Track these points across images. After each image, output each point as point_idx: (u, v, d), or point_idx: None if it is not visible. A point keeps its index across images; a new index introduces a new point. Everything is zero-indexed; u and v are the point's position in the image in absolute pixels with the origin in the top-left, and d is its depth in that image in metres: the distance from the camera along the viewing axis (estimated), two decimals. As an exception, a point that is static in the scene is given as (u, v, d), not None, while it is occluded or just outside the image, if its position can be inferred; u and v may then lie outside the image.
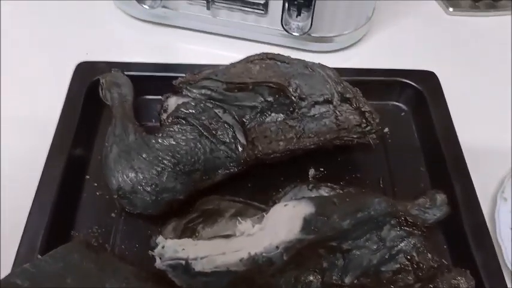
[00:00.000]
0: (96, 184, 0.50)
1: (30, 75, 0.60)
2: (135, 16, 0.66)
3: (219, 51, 0.64)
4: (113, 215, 0.48)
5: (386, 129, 0.56)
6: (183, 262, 0.36)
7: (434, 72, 0.59)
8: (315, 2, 0.55)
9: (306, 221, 0.36)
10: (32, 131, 0.54)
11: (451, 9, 0.70)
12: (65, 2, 0.68)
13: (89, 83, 0.55)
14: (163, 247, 0.37)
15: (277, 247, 0.36)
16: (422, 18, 0.70)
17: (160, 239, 0.38)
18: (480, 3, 0.70)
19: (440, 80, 0.59)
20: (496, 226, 0.47)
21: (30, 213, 0.45)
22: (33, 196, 0.46)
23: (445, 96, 0.59)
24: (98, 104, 0.55)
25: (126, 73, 0.56)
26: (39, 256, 0.41)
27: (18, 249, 0.42)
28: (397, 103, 0.58)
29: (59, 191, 0.47)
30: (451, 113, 0.56)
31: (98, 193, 0.49)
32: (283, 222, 0.38)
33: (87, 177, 0.51)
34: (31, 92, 0.58)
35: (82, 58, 0.59)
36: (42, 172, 0.48)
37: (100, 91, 0.54)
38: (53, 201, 0.46)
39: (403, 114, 0.58)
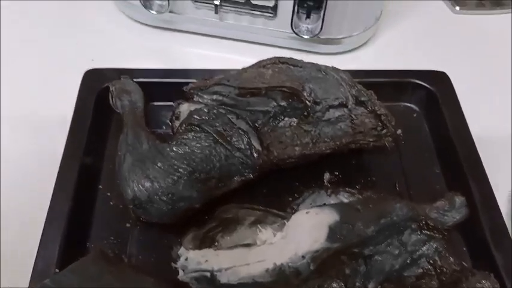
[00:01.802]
0: (109, 194, 0.49)
1: (36, 83, 0.59)
2: (141, 21, 0.65)
3: (227, 55, 0.63)
4: (127, 225, 0.47)
5: (399, 131, 0.55)
6: (208, 274, 0.35)
7: (445, 71, 0.59)
8: (326, 4, 0.55)
9: (331, 230, 0.36)
10: (41, 141, 0.53)
11: (457, 8, 0.70)
12: (67, 8, 0.67)
13: (97, 90, 0.54)
14: (186, 259, 0.36)
15: (303, 257, 0.35)
16: (429, 17, 0.70)
17: (182, 250, 0.38)
18: (486, 2, 0.70)
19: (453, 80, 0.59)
20: (514, 226, 0.47)
21: (44, 227, 0.44)
22: (46, 209, 0.45)
23: (460, 96, 0.59)
24: (108, 112, 0.54)
25: (135, 80, 0.55)
26: (57, 270, 0.41)
27: (34, 264, 0.41)
28: (409, 104, 0.58)
29: (73, 203, 0.46)
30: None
31: (111, 203, 0.48)
32: (306, 230, 0.38)
33: (100, 187, 0.50)
34: (39, 101, 0.58)
35: (87, 65, 0.58)
36: (55, 184, 0.47)
37: (110, 99, 0.53)
38: (67, 213, 0.45)
39: (415, 115, 0.58)
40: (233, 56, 0.63)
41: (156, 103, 0.57)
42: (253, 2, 0.58)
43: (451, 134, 0.52)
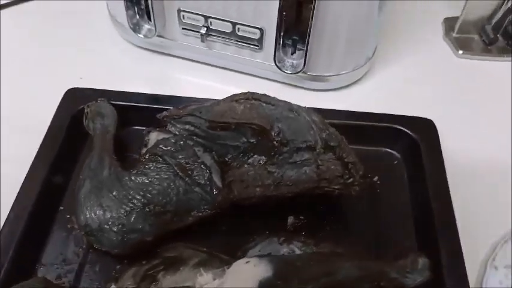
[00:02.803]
0: (68, 216, 0.49)
1: (23, 96, 0.61)
2: (133, 43, 0.66)
3: (213, 83, 0.63)
4: (80, 250, 0.47)
5: (375, 178, 0.53)
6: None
7: (435, 120, 0.56)
8: (308, 40, 0.53)
9: (261, 285, 0.34)
10: (13, 156, 0.54)
11: (460, 51, 0.67)
12: (63, 24, 0.69)
13: (75, 110, 0.55)
14: (113, 298, 0.36)
15: (228, 310, 0.34)
16: (429, 60, 0.67)
17: (112, 286, 0.37)
18: (493, 47, 0.67)
19: (441, 129, 0.55)
20: (482, 296, 0.44)
21: (-4, 242, 0.44)
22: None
23: (446, 146, 0.55)
24: (82, 133, 0.54)
25: (114, 102, 0.55)
26: (-4, 291, 0.41)
27: (-23, 282, 0.42)
28: (390, 150, 0.56)
29: (29, 221, 0.46)
30: (448, 166, 0.53)
31: (69, 226, 0.48)
32: (241, 281, 0.36)
33: (61, 208, 0.50)
34: (20, 115, 0.58)
35: (76, 82, 0.59)
36: (15, 199, 0.47)
37: (84, 120, 0.53)
38: (21, 231, 0.45)
39: (395, 162, 0.55)
40: (218, 85, 0.62)
41: (134, 127, 0.57)
42: (238, 33, 0.57)
43: (428, 188, 0.49)
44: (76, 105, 0.55)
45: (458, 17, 0.68)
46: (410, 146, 0.54)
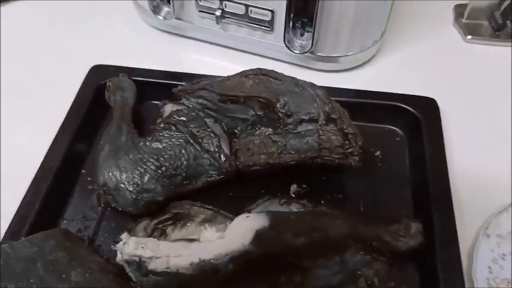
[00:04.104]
0: (89, 179, 0.53)
1: (54, 72, 0.66)
2: (153, 25, 0.70)
3: (226, 63, 0.66)
4: (99, 208, 0.51)
5: (377, 153, 0.56)
6: (137, 259, 0.38)
7: (440, 100, 0.58)
8: (315, 22, 0.56)
9: (257, 235, 0.37)
10: (41, 123, 0.58)
11: (469, 36, 0.68)
12: (93, 9, 0.74)
13: (98, 85, 0.59)
14: (124, 243, 0.39)
15: (225, 255, 0.37)
16: (437, 43, 0.69)
17: (124, 235, 0.41)
18: (501, 33, 0.68)
19: (445, 108, 0.58)
20: (473, 263, 0.46)
21: (23, 198, 0.49)
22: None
23: (449, 125, 0.58)
24: (104, 105, 0.58)
25: (133, 78, 0.60)
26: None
27: (6, 230, 0.46)
28: (393, 127, 0.58)
29: (54, 180, 0.50)
30: (450, 143, 0.56)
31: (89, 187, 0.53)
32: (239, 233, 0.39)
33: (83, 171, 0.54)
34: (51, 87, 0.63)
35: (100, 60, 0.63)
36: (42, 161, 0.52)
37: (106, 93, 0.58)
38: (47, 188, 0.50)
39: (398, 139, 0.57)
40: (231, 65, 0.65)
41: (152, 101, 0.61)
42: (251, 15, 0.60)
43: (426, 162, 0.52)
44: (99, 80, 0.60)
45: (468, 3, 0.69)
46: (412, 123, 0.56)
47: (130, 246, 0.39)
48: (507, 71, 0.65)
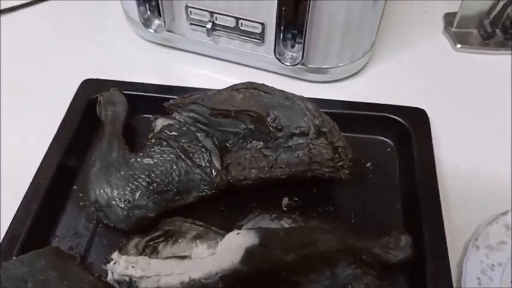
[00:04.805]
0: (81, 195, 0.53)
1: (42, 87, 0.66)
2: (144, 37, 0.70)
3: (218, 76, 0.66)
4: (91, 225, 0.51)
5: (368, 164, 0.56)
6: (127, 278, 0.38)
7: (431, 111, 0.58)
8: (305, 34, 0.56)
9: (247, 252, 0.37)
10: (33, 141, 0.58)
11: (458, 45, 0.69)
12: (80, 17, 0.74)
13: (89, 99, 0.59)
14: (115, 263, 0.39)
15: (216, 274, 0.37)
16: (427, 52, 0.69)
17: (115, 255, 0.41)
18: (491, 41, 0.69)
19: (434, 119, 0.58)
20: (462, 274, 0.46)
21: (14, 216, 0.49)
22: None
23: (439, 135, 0.58)
24: (95, 120, 0.58)
25: (125, 92, 0.60)
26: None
27: (-3, 250, 0.46)
28: (384, 138, 0.58)
29: (45, 198, 0.50)
30: (440, 152, 0.56)
31: (81, 203, 0.52)
32: (230, 250, 0.39)
33: (75, 187, 0.54)
34: (40, 104, 0.63)
35: (91, 74, 0.63)
36: (33, 178, 0.52)
37: (97, 107, 0.58)
38: (38, 206, 0.49)
39: (388, 150, 0.58)
40: (223, 77, 0.66)
41: (144, 115, 0.61)
42: (241, 27, 0.60)
43: (416, 174, 0.52)
44: (90, 94, 0.59)
45: (457, 12, 0.70)
46: (402, 134, 0.56)
47: (121, 266, 0.39)
48: (497, 79, 0.66)
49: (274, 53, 0.60)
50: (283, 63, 0.60)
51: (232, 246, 0.39)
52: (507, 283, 0.46)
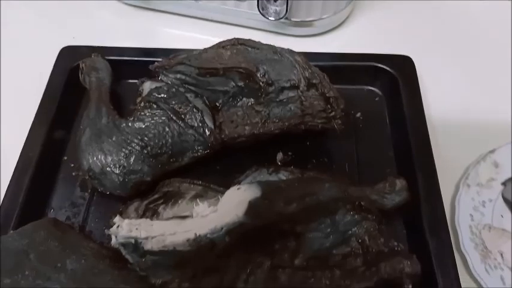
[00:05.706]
0: (72, 165, 0.52)
1: (18, 58, 0.63)
2: (123, 0, 0.67)
3: (201, 36, 0.65)
4: (86, 194, 0.50)
5: (358, 114, 0.56)
6: (133, 240, 0.38)
7: (416, 57, 0.58)
8: (288, -14, 0.55)
9: (251, 205, 0.38)
10: (14, 113, 0.57)
11: (440, -9, 0.69)
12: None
13: (70, 67, 0.57)
14: (118, 226, 0.39)
15: (221, 229, 0.37)
16: (409, 1, 0.69)
17: (117, 218, 0.40)
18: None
19: (420, 65, 0.58)
20: (456, 212, 0.48)
21: (6, 191, 0.48)
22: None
23: (426, 81, 0.59)
24: (79, 88, 0.57)
25: (107, 57, 0.58)
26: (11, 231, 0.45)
27: (-7, 224, 0.46)
28: (372, 88, 0.59)
29: (36, 171, 0.49)
30: (427, 98, 0.57)
31: (73, 173, 0.52)
32: (232, 205, 0.40)
33: (65, 158, 0.53)
34: (16, 75, 0.61)
35: (69, 42, 0.61)
36: (21, 152, 0.50)
37: (80, 75, 0.56)
38: (29, 179, 0.49)
39: (377, 99, 0.58)
40: (206, 37, 0.64)
41: (128, 80, 0.60)
42: (223, -17, 0.59)
43: (406, 120, 0.53)
44: (71, 62, 0.58)
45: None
46: (389, 83, 0.57)
47: (125, 229, 0.39)
48: (479, 25, 0.66)
49: (258, 8, 0.59)
50: (267, 18, 0.59)
51: (235, 201, 0.40)
52: (498, 218, 0.48)
